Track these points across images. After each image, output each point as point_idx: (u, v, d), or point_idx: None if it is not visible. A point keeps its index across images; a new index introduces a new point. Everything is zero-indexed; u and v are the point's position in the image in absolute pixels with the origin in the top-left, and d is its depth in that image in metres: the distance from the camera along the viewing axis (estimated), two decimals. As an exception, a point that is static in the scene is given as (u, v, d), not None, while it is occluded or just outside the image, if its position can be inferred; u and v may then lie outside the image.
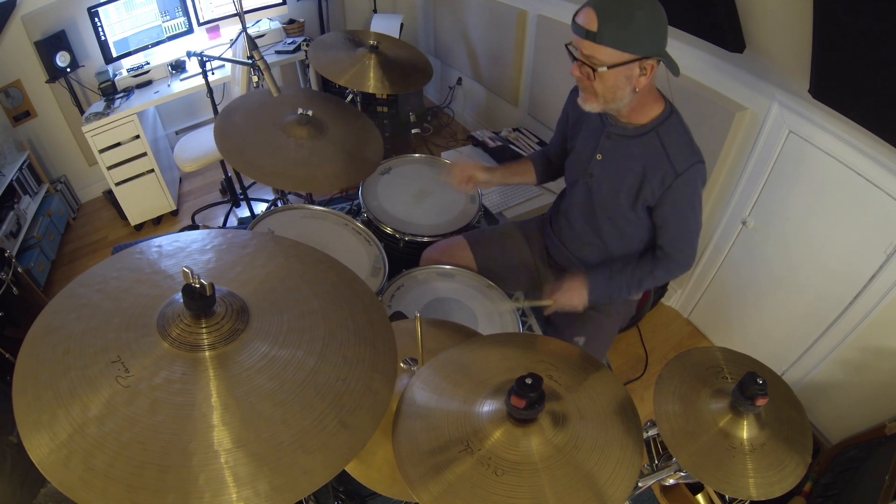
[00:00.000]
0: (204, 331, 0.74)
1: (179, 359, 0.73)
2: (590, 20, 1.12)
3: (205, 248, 0.92)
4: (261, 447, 0.68)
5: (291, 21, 3.10)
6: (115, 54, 2.57)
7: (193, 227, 2.86)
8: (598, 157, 1.37)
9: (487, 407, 0.86)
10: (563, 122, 1.54)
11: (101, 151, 2.51)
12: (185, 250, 0.91)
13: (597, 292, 1.42)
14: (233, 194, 2.87)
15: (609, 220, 1.43)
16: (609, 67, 1.15)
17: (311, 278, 0.91)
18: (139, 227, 2.84)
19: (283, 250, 0.96)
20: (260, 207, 2.86)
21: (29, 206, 2.53)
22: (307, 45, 2.87)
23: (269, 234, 1.43)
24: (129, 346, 0.74)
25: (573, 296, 1.41)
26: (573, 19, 1.17)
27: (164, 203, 2.83)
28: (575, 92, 1.46)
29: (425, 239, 1.75)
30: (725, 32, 1.61)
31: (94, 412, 0.67)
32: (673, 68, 1.18)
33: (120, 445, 0.65)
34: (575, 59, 1.21)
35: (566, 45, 1.22)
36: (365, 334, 0.84)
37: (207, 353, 0.74)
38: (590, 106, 1.26)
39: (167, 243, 0.91)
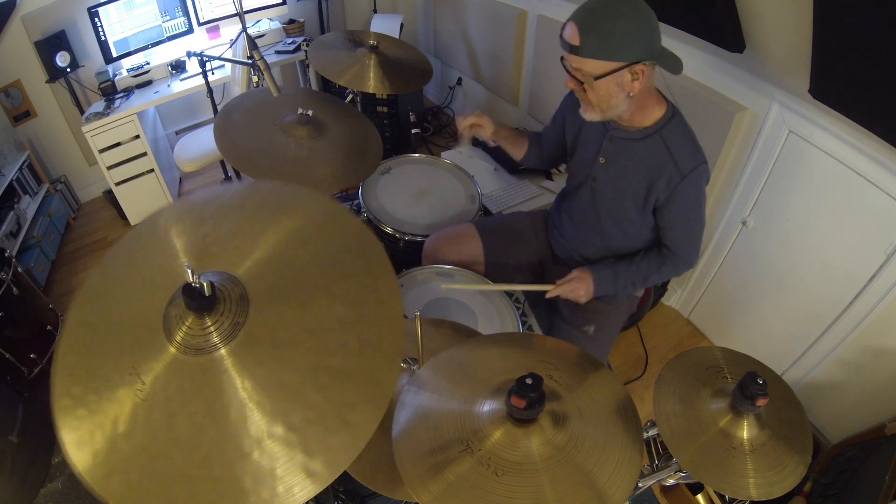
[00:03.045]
0: (210, 328, 0.73)
1: (188, 365, 0.72)
2: (572, 34, 1.14)
3: (205, 216, 0.88)
4: (267, 454, 0.67)
5: (291, 21, 3.10)
6: (115, 54, 2.57)
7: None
8: (601, 160, 1.37)
9: (487, 407, 0.86)
10: (560, 122, 1.53)
11: (101, 151, 2.51)
12: (181, 223, 0.87)
13: (602, 286, 1.44)
14: (233, 194, 2.86)
15: (613, 222, 1.43)
16: (596, 79, 1.16)
17: (311, 238, 0.86)
18: (139, 227, 2.84)
19: (285, 205, 0.91)
20: (260, 207, 2.86)
21: (29, 206, 2.53)
22: (307, 45, 2.87)
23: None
24: (141, 352, 0.74)
25: (580, 287, 1.43)
26: (560, 34, 1.18)
27: (164, 203, 2.83)
28: (573, 94, 1.47)
29: (425, 239, 1.75)
30: (725, 32, 1.61)
31: (122, 429, 0.68)
32: (673, 67, 1.18)
33: (150, 460, 0.67)
34: (568, 72, 1.23)
35: (561, 59, 1.24)
36: (370, 302, 0.80)
37: (216, 354, 0.72)
38: (590, 116, 1.28)
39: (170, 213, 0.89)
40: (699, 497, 1.63)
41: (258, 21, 3.01)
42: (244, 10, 2.85)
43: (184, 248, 0.83)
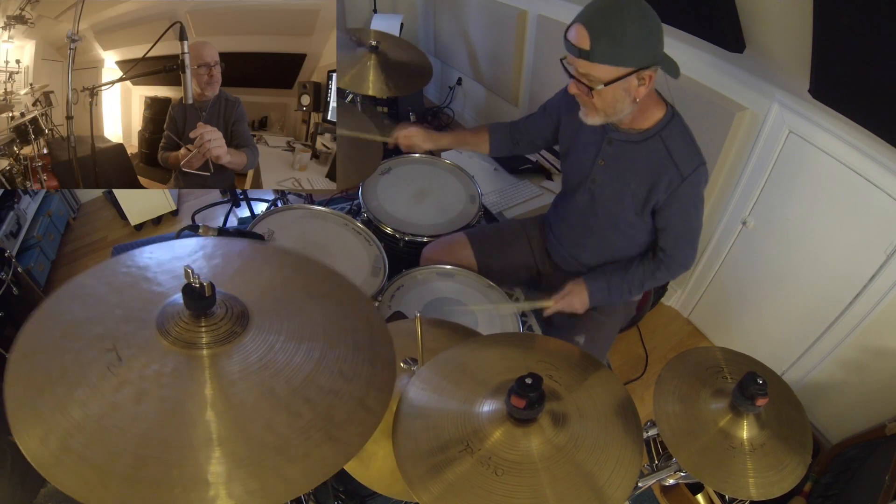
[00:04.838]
0: (203, 330, 0.74)
1: (173, 354, 0.73)
2: (581, 38, 1.10)
3: (215, 254, 0.92)
4: (241, 449, 0.67)
5: (291, 21, 3.09)
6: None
7: (193, 227, 2.87)
8: (601, 162, 1.36)
9: (487, 407, 0.86)
10: (554, 118, 1.52)
11: (101, 151, 2.51)
12: (193, 255, 0.91)
13: (597, 296, 1.45)
14: (233, 194, 2.87)
15: (612, 224, 1.42)
16: (606, 84, 1.14)
17: (315, 293, 0.91)
18: (139, 227, 2.84)
19: (292, 262, 0.97)
20: (260, 207, 2.86)
21: (29, 206, 2.53)
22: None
23: (272, 235, 1.43)
24: (125, 337, 0.74)
25: (574, 299, 1.45)
26: (565, 36, 1.15)
27: (164, 203, 2.83)
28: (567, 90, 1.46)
29: (425, 239, 1.75)
30: (725, 32, 1.61)
31: (80, 394, 0.67)
32: (672, 71, 1.17)
33: (100, 429, 0.65)
34: (571, 76, 1.20)
35: (561, 61, 1.21)
36: (365, 352, 0.83)
37: (204, 352, 0.73)
38: (592, 120, 1.26)
39: (178, 245, 0.92)
40: (699, 497, 1.63)
41: (258, 21, 3.01)
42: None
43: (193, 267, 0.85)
